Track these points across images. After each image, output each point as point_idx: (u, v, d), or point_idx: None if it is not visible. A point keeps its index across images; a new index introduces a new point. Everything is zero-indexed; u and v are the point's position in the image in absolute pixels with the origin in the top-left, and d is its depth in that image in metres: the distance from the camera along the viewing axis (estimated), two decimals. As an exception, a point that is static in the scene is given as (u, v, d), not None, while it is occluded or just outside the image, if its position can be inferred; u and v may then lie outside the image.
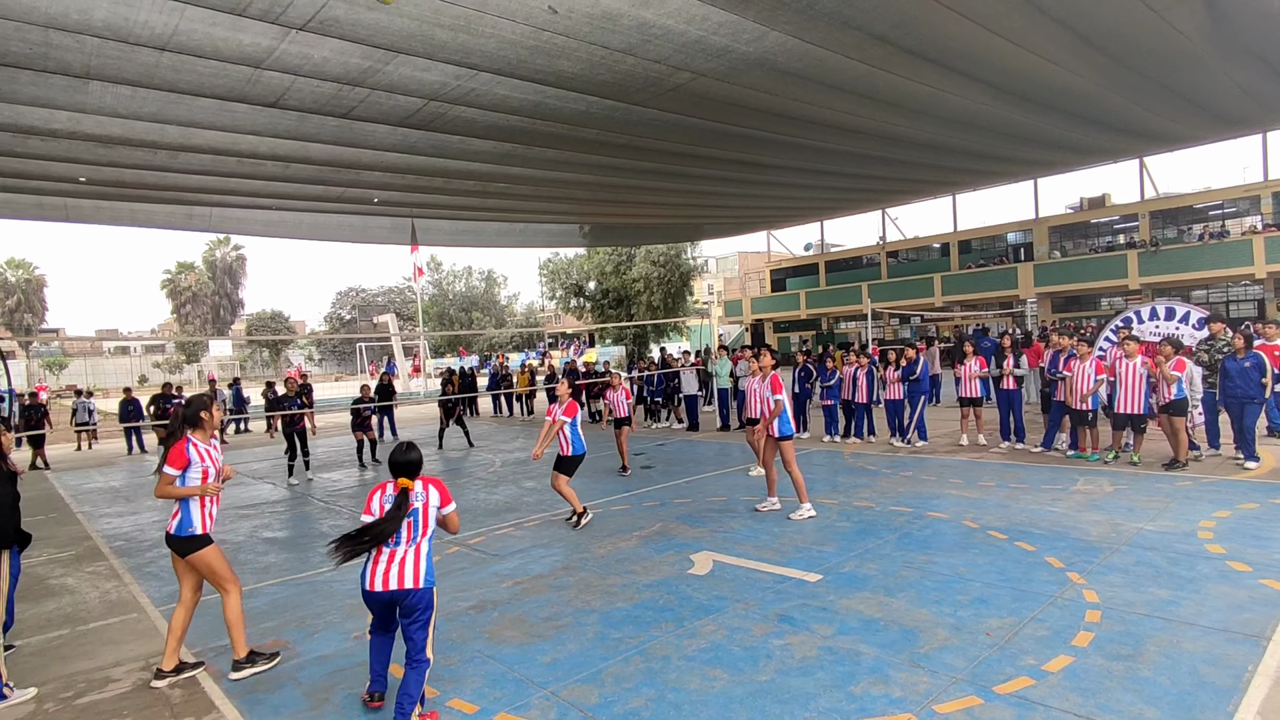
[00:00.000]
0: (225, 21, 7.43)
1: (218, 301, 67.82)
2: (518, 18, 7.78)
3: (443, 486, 4.11)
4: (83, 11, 7.02)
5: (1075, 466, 9.15)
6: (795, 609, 4.91)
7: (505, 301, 62.65)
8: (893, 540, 6.37)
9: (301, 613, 5.50)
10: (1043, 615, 4.57)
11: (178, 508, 4.35)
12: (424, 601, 3.77)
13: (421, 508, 3.96)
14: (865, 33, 8.98)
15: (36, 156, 11.40)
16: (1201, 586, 4.88)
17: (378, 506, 3.94)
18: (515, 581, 5.89)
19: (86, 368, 54.48)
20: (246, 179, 13.67)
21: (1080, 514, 6.86)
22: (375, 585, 3.79)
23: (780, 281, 40.65)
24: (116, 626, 5.48)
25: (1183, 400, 8.64)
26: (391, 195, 16.05)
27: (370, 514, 3.93)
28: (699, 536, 6.86)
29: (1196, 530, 6.13)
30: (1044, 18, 9.11)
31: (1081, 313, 28.96)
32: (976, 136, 15.14)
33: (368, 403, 13.53)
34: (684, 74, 9.74)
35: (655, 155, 14.07)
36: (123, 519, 9.56)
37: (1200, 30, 10.38)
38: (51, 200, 14.60)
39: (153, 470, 12.79)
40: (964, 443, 11.06)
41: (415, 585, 3.76)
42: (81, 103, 9.32)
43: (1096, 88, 12.30)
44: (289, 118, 10.36)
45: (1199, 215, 27.15)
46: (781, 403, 7.51)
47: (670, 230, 28.11)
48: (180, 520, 4.34)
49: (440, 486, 4.09)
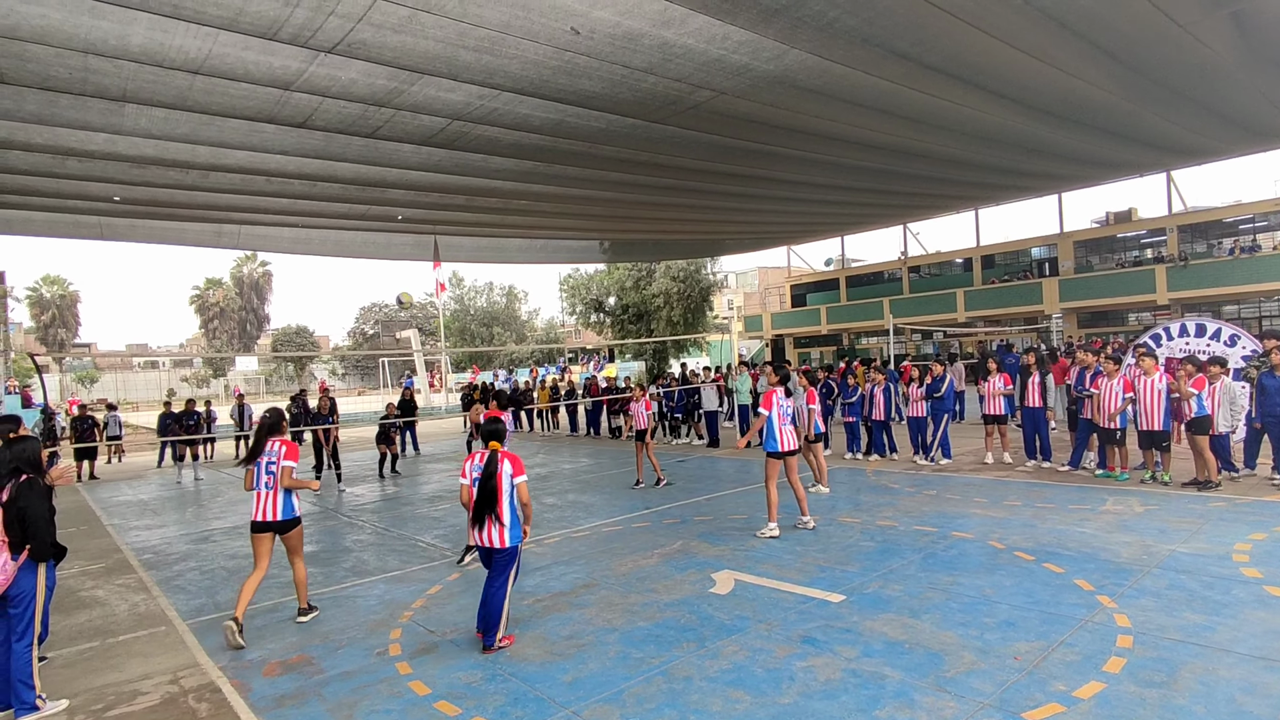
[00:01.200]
0: (257, 45, 7.62)
1: (244, 317, 69.00)
2: (540, 39, 7.90)
3: (517, 460, 5.03)
4: (121, 38, 7.24)
5: (1104, 486, 8.98)
6: (818, 630, 4.86)
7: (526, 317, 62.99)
8: (917, 560, 6.29)
9: (325, 628, 5.53)
10: (1072, 639, 4.48)
11: (276, 497, 5.43)
12: (507, 557, 4.87)
13: (499, 480, 4.87)
14: (886, 50, 8.99)
15: (74, 177, 11.73)
16: (1238, 611, 4.76)
17: (469, 472, 4.94)
18: (537, 599, 5.88)
19: (116, 382, 55.54)
20: (274, 197, 13.95)
21: (1110, 535, 6.72)
22: (473, 540, 4.97)
23: (801, 297, 40.48)
24: (145, 639, 5.54)
25: (1205, 418, 8.48)
26: (415, 213, 16.28)
27: (465, 478, 4.97)
28: (720, 555, 6.82)
29: (1231, 553, 5.98)
30: (1067, 33, 9.07)
31: (1109, 328, 28.50)
32: (999, 151, 15.06)
33: (393, 419, 13.70)
34: (704, 92, 9.81)
35: (675, 172, 14.14)
36: (151, 532, 9.71)
37: (1228, 43, 10.26)
38: (87, 219, 15.00)
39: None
40: (989, 461, 10.90)
41: (502, 545, 4.84)
42: (117, 125, 9.59)
43: (1121, 101, 12.19)
44: (316, 137, 10.57)
45: (1229, 229, 26.68)
46: (764, 417, 7.49)
47: (690, 246, 28.18)
48: (285, 506, 5.46)
49: (515, 460, 5.01)
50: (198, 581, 7.09)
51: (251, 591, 5.37)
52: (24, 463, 4.35)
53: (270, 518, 5.41)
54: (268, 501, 5.42)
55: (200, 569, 7.56)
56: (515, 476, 4.90)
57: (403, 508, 10.49)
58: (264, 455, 5.50)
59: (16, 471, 4.30)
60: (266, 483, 5.45)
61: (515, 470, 4.91)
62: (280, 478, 5.41)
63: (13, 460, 4.33)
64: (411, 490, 12.02)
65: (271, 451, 5.49)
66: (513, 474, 4.89)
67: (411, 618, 5.62)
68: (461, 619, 5.50)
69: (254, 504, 5.46)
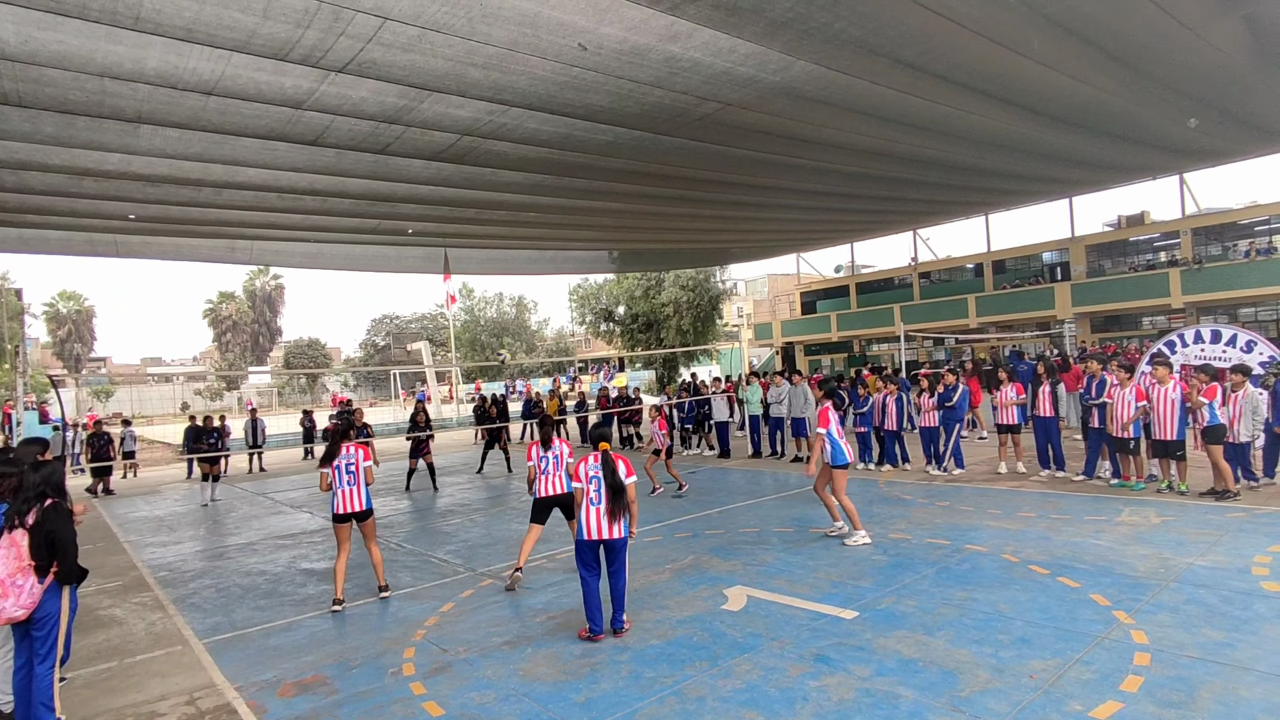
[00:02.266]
0: (269, 66, 7.72)
1: (257, 329, 69.52)
2: (548, 55, 7.96)
3: (628, 461, 5.47)
4: (136, 61, 7.35)
5: (1119, 496, 8.89)
6: (831, 648, 4.83)
7: (535, 327, 63.16)
8: (930, 575, 6.25)
9: (339, 646, 5.56)
10: (1089, 657, 4.44)
11: (356, 491, 6.44)
12: (623, 546, 5.30)
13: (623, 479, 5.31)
14: (892, 59, 8.99)
15: (90, 196, 11.90)
16: (1258, 628, 4.70)
17: (584, 473, 5.36)
18: (549, 616, 5.89)
19: (131, 395, 56.07)
20: (286, 213, 14.09)
21: (1126, 547, 6.66)
22: (592, 534, 5.25)
23: (810, 304, 40.37)
24: (162, 659, 5.59)
25: (1219, 427, 8.39)
26: (425, 226, 16.39)
27: (579, 480, 5.38)
28: (732, 570, 6.80)
29: (1251, 566, 5.91)
30: (1073, 39, 9.04)
31: (1122, 333, 28.26)
32: (1008, 157, 15.00)
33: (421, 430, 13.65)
34: (711, 104, 9.84)
35: (683, 182, 14.18)
36: (166, 549, 9.78)
37: (1240, 45, 10.20)
38: (102, 237, 15.18)
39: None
40: (1002, 470, 10.82)
41: (620, 535, 5.26)
42: (133, 145, 9.72)
43: (1131, 105, 12.12)
44: (327, 154, 10.68)
45: (1244, 231, 26.42)
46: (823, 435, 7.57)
47: (699, 255, 28.19)
48: (366, 497, 6.48)
49: (627, 462, 5.46)
50: (213, 600, 7.14)
51: (342, 572, 6.53)
52: (50, 487, 4.40)
53: (355, 508, 6.43)
54: (351, 495, 6.43)
55: (216, 587, 7.61)
56: (628, 477, 5.36)
57: (415, 523, 10.52)
58: (340, 458, 6.47)
59: (43, 495, 4.35)
60: (348, 480, 6.44)
61: (628, 472, 5.38)
62: (364, 476, 6.49)
63: (40, 484, 4.38)
64: (424, 504, 12.06)
65: (348, 455, 6.50)
66: (627, 473, 5.36)
67: (425, 636, 5.64)
68: (475, 637, 5.51)
69: (337, 499, 6.43)
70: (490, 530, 9.46)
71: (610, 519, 5.25)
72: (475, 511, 10.89)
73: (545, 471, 6.79)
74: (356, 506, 6.45)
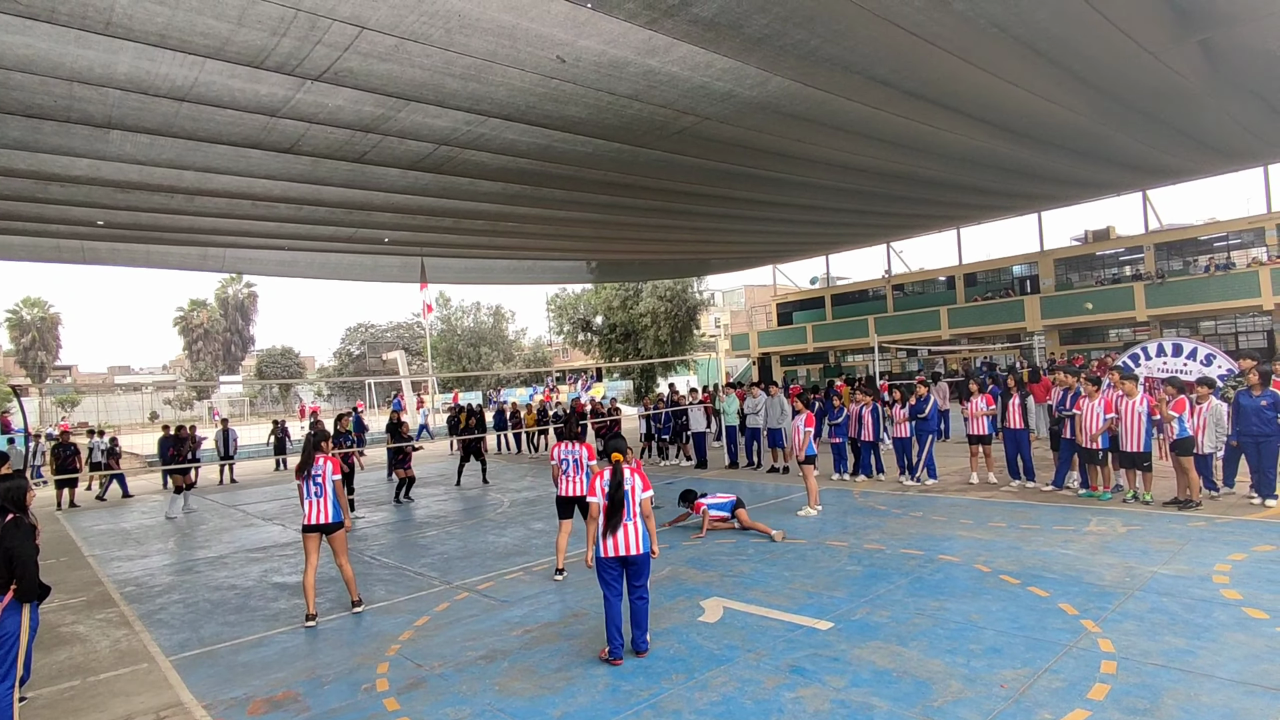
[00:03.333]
0: (244, 73, 7.66)
1: (229, 338, 68.42)
2: (527, 67, 7.99)
3: (645, 475, 5.35)
4: (106, 66, 7.25)
5: (1087, 506, 9.07)
6: (806, 659, 4.87)
7: (513, 336, 62.87)
8: (904, 585, 6.32)
9: (311, 663, 5.47)
10: (1058, 666, 4.52)
11: (324, 503, 6.38)
12: (644, 562, 5.13)
13: (630, 490, 5.18)
14: (866, 76, 9.16)
15: (57, 202, 11.67)
16: (1218, 635, 4.82)
17: (599, 488, 5.23)
18: (525, 629, 5.85)
19: (98, 405, 54.78)
20: (260, 221, 13.93)
21: (1093, 556, 6.79)
22: (608, 551, 5.08)
23: (787, 315, 40.71)
24: (127, 677, 5.46)
25: (1188, 439, 8.60)
26: (402, 235, 16.30)
27: (594, 495, 5.25)
28: (709, 581, 6.82)
29: (1212, 574, 6.06)
30: (1041, 59, 9.28)
31: (1090, 345, 28.86)
32: (978, 172, 15.31)
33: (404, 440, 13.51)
34: (689, 118, 9.94)
35: (661, 194, 14.27)
36: (133, 563, 9.57)
37: (1197, 70, 10.54)
38: (69, 243, 14.89)
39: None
40: (974, 481, 10.98)
41: (638, 551, 5.09)
42: (102, 150, 9.57)
43: (1096, 125, 12.46)
44: (303, 162, 10.59)
45: (1204, 247, 27.18)
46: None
47: (677, 265, 28.32)
48: (334, 510, 6.42)
49: (643, 475, 5.34)
50: (181, 615, 6.99)
51: (312, 585, 6.44)
52: (10, 502, 4.30)
53: (322, 520, 6.39)
54: (318, 507, 6.39)
55: (184, 602, 7.46)
56: (643, 491, 5.23)
57: (390, 534, 10.41)
58: (312, 469, 6.45)
59: (2, 511, 4.25)
60: (315, 491, 6.41)
61: (644, 485, 5.26)
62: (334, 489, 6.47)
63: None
64: (399, 516, 11.93)
65: (318, 466, 6.45)
66: (642, 488, 5.23)
67: (399, 651, 5.58)
68: (450, 651, 5.47)
69: (305, 510, 6.41)
70: (466, 543, 9.39)
71: (618, 532, 5.06)
72: (451, 524, 10.80)
73: (565, 472, 7.15)
74: (323, 519, 6.38)
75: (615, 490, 5.13)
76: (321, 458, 6.51)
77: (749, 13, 7.16)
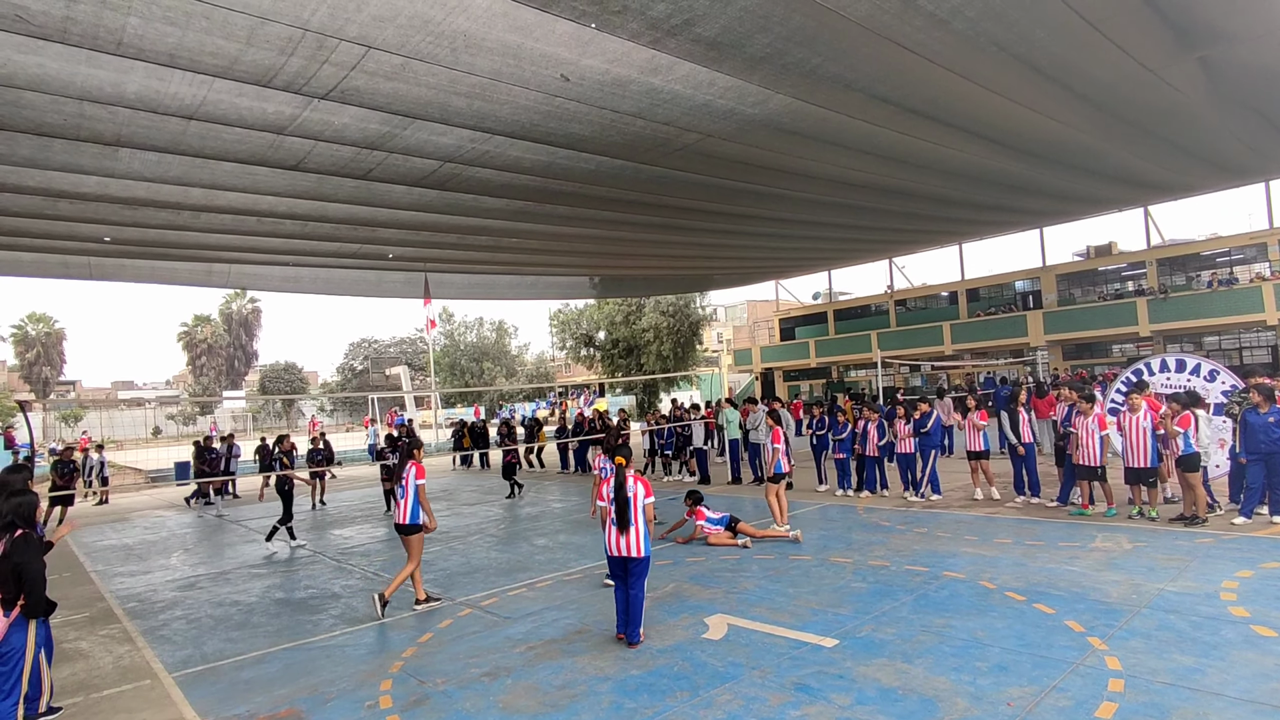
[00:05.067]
0: (251, 92, 7.75)
1: (232, 353, 68.55)
2: (531, 85, 8.08)
3: (647, 482, 5.78)
4: (116, 85, 7.34)
5: (1093, 522, 9.03)
6: (812, 676, 4.84)
7: (516, 351, 62.92)
8: (909, 602, 6.29)
9: (314, 679, 5.45)
10: (1064, 684, 4.49)
11: (405, 505, 6.98)
12: (643, 566, 5.61)
13: (632, 497, 5.58)
14: (868, 94, 9.24)
15: (65, 218, 11.76)
16: (1227, 653, 4.78)
17: (606, 492, 5.70)
18: (529, 646, 5.83)
19: (102, 420, 54.85)
20: (266, 237, 14.02)
21: (1099, 573, 6.75)
22: (613, 551, 5.65)
23: (789, 330, 40.71)
24: (130, 694, 5.44)
25: (1194, 455, 8.57)
26: (406, 251, 16.38)
27: (602, 500, 5.77)
28: (713, 598, 6.79)
29: (1219, 591, 6.02)
30: (1041, 77, 9.36)
31: (1093, 360, 28.81)
32: (980, 188, 15.39)
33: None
34: (691, 135, 10.02)
35: (664, 210, 14.35)
36: (135, 579, 9.55)
37: (1197, 87, 10.61)
38: (76, 259, 15.00)
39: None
40: (978, 496, 10.94)
41: (638, 554, 5.57)
42: (110, 168, 9.66)
43: (1097, 141, 12.53)
44: (308, 179, 10.68)
45: (1207, 262, 27.18)
46: None
47: (679, 281, 28.43)
48: (413, 513, 6.99)
49: (645, 482, 5.76)
50: (184, 631, 6.97)
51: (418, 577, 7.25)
52: (20, 518, 4.31)
53: (400, 520, 7.04)
54: (401, 509, 7.06)
55: (186, 618, 7.44)
56: (646, 497, 5.67)
57: (393, 550, 10.38)
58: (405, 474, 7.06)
59: (11, 526, 4.26)
60: (400, 494, 7.08)
61: (646, 492, 5.69)
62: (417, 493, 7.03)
63: (9, 514, 4.29)
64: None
65: (407, 471, 7.05)
66: (644, 494, 5.66)
67: (402, 667, 5.55)
68: (454, 667, 5.44)
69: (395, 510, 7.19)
70: (469, 558, 9.36)
71: (623, 533, 5.56)
72: (454, 539, 10.77)
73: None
74: (402, 519, 7.04)
75: (618, 491, 5.58)
76: (411, 464, 7.06)
77: (751, 33, 7.24)
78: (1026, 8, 7.53)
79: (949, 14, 7.34)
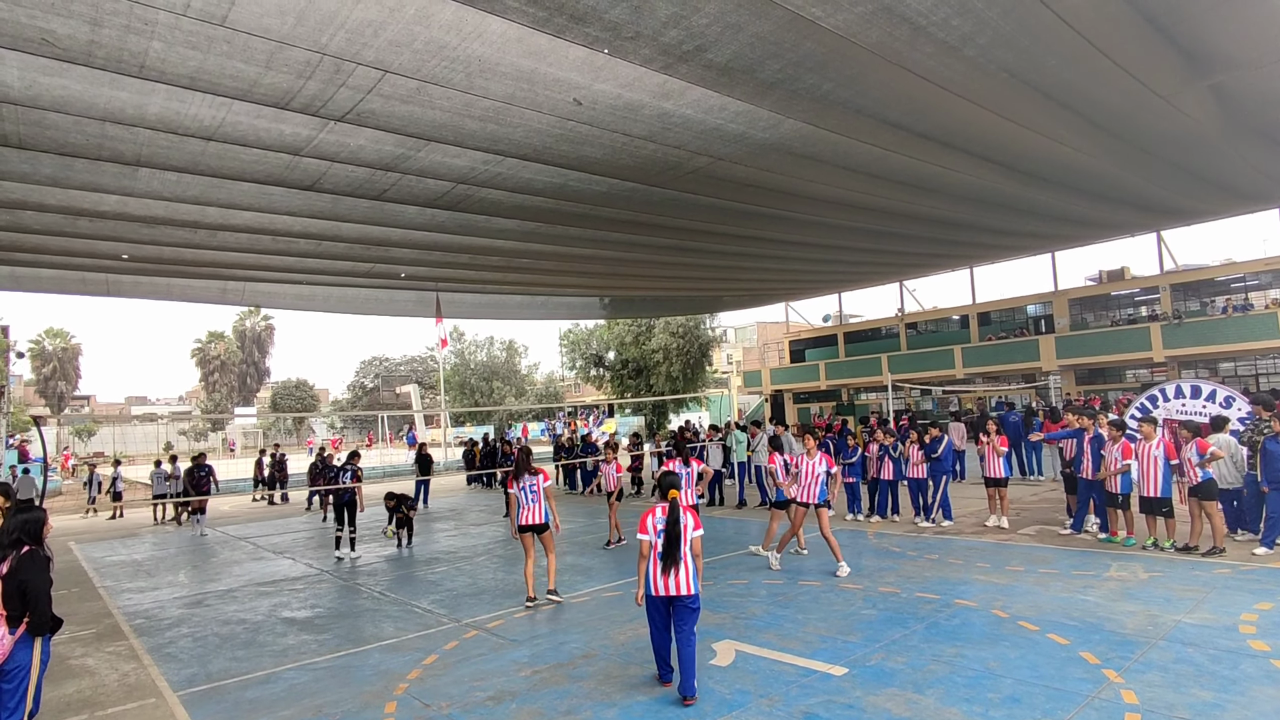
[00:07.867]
0: (269, 114, 7.87)
1: (245, 370, 69.08)
2: (544, 109, 8.17)
3: (696, 514, 5.35)
4: (138, 107, 7.48)
5: (1107, 550, 8.89)
6: (820, 706, 4.76)
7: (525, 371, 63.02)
8: (920, 630, 6.19)
9: (318, 700, 5.41)
10: (1079, 717, 4.39)
11: (537, 507, 7.57)
12: (694, 602, 5.03)
13: (683, 529, 5.10)
14: (879, 119, 9.29)
15: (84, 236, 11.95)
16: (1246, 688, 4.67)
17: (651, 525, 5.17)
18: (534, 670, 5.77)
19: (114, 435, 55.24)
20: (280, 255, 14.19)
21: (1114, 604, 6.64)
22: (659, 590, 5.02)
23: (799, 352, 40.65)
24: (134, 712, 5.42)
25: (1210, 483, 8.45)
26: (418, 270, 16.52)
27: (645, 533, 5.17)
28: (721, 623, 6.71)
29: (1238, 624, 5.90)
30: (1052, 103, 9.38)
31: (1106, 385, 28.58)
32: (991, 213, 15.37)
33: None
34: (702, 158, 10.08)
35: (675, 232, 14.41)
36: (143, 594, 9.56)
37: (1209, 114, 10.61)
38: (94, 276, 15.20)
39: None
40: (990, 523, 10.80)
41: (689, 592, 4.99)
42: (130, 187, 9.82)
43: (1108, 167, 12.52)
44: (323, 199, 10.81)
45: (1221, 288, 27.01)
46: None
47: (689, 302, 28.47)
48: (545, 514, 7.60)
49: (695, 513, 5.33)
50: (190, 649, 6.95)
51: (531, 574, 7.76)
52: (26, 534, 4.32)
53: (535, 521, 7.58)
54: (532, 511, 7.57)
55: (193, 635, 7.42)
56: (695, 530, 5.19)
57: (399, 570, 10.35)
58: (524, 480, 7.57)
59: (18, 543, 4.27)
60: (530, 499, 7.56)
61: (695, 524, 5.22)
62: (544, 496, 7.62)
63: (15, 531, 4.30)
64: (408, 551, 11.86)
65: (530, 478, 7.58)
66: (694, 527, 5.19)
67: (407, 690, 5.51)
68: (458, 691, 5.39)
69: (521, 513, 7.58)
70: (475, 579, 9.31)
71: (671, 571, 4.98)
72: (461, 560, 10.73)
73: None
74: (536, 520, 7.56)
75: (672, 526, 5.07)
76: (534, 469, 7.65)
77: (762, 59, 7.31)
78: (1037, 35, 7.57)
79: (960, 41, 7.38)
